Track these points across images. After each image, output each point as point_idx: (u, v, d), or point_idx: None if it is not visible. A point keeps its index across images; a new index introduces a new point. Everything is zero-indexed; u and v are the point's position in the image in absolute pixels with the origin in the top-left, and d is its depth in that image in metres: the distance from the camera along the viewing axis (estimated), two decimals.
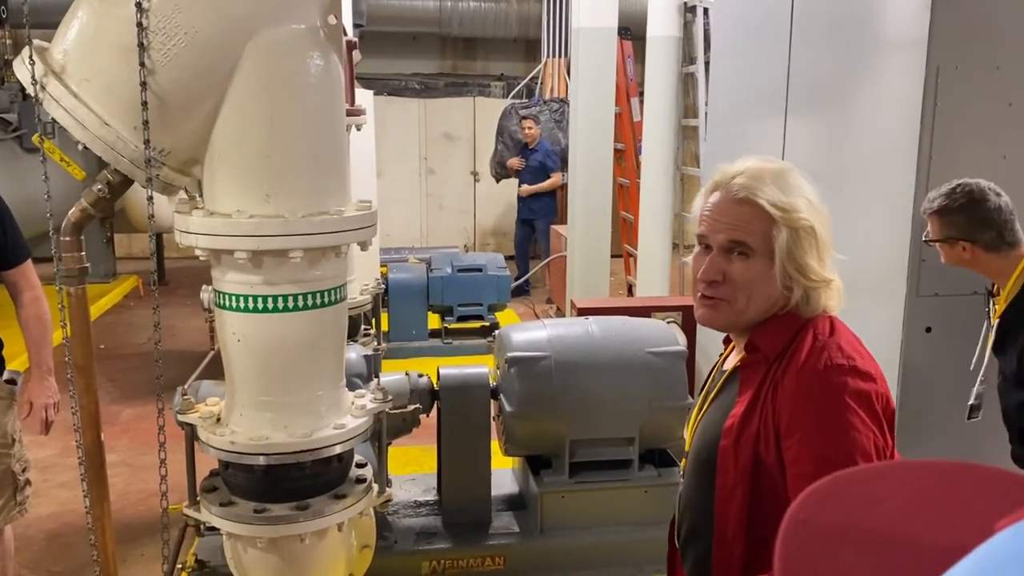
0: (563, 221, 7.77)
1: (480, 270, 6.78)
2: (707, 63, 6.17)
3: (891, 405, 1.43)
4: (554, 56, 9.93)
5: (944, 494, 0.67)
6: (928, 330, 2.74)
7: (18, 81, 7.54)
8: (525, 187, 8.88)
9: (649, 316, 4.36)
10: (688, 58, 6.42)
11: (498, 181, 9.84)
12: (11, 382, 2.95)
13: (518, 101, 9.88)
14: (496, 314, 7.03)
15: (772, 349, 1.46)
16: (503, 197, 11.45)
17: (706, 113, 6.04)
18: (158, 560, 3.72)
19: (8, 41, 9.36)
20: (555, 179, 8.70)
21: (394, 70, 11.52)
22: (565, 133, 9.20)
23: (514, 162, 8.96)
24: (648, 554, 3.44)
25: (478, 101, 11.46)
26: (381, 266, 6.68)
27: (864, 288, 3.09)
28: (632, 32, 7.94)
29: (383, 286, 4.48)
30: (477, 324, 7.01)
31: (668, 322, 4.21)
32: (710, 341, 4.53)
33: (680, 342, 3.49)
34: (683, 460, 1.67)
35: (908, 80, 2.73)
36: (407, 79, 11.66)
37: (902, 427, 2.81)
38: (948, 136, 2.62)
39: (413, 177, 11.35)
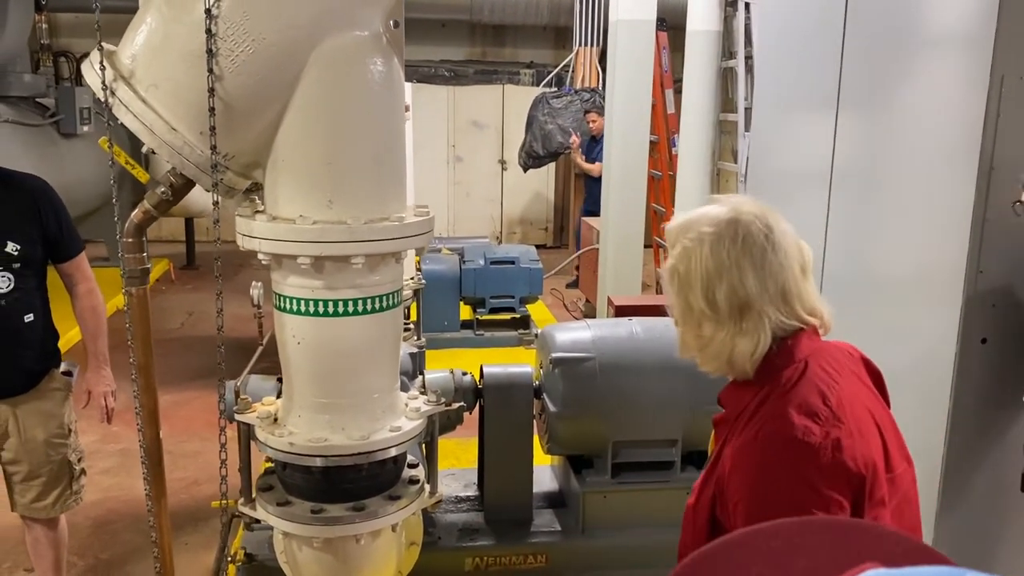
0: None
1: (513, 262, 6.78)
2: (748, 58, 6.12)
3: (855, 457, 1.33)
4: (586, 45, 9.86)
5: (795, 555, 0.68)
6: (984, 341, 2.71)
7: (55, 67, 7.58)
8: (598, 164, 8.73)
9: None
10: (728, 52, 6.36)
11: (526, 171, 9.82)
12: (67, 374, 3.00)
13: (549, 90, 9.83)
14: (527, 307, 7.04)
15: (733, 409, 1.45)
16: (530, 186, 11.44)
17: (746, 108, 6.00)
18: (202, 549, 3.81)
19: (44, 26, 9.44)
20: (594, 168, 8.64)
21: (423, 57, 11.50)
22: None
23: (577, 153, 8.92)
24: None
25: (507, 89, 11.43)
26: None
27: (915, 295, 3.07)
28: (668, 23, 7.88)
29: (423, 281, 4.50)
30: (508, 316, 7.03)
31: None
32: None
33: None
34: None
35: (969, 84, 2.70)
36: (436, 66, 11.64)
37: (952, 450, 2.80)
38: (1012, 145, 2.59)
39: (441, 165, 11.34)
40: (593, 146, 8.72)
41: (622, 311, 4.42)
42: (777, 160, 4.31)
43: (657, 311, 4.16)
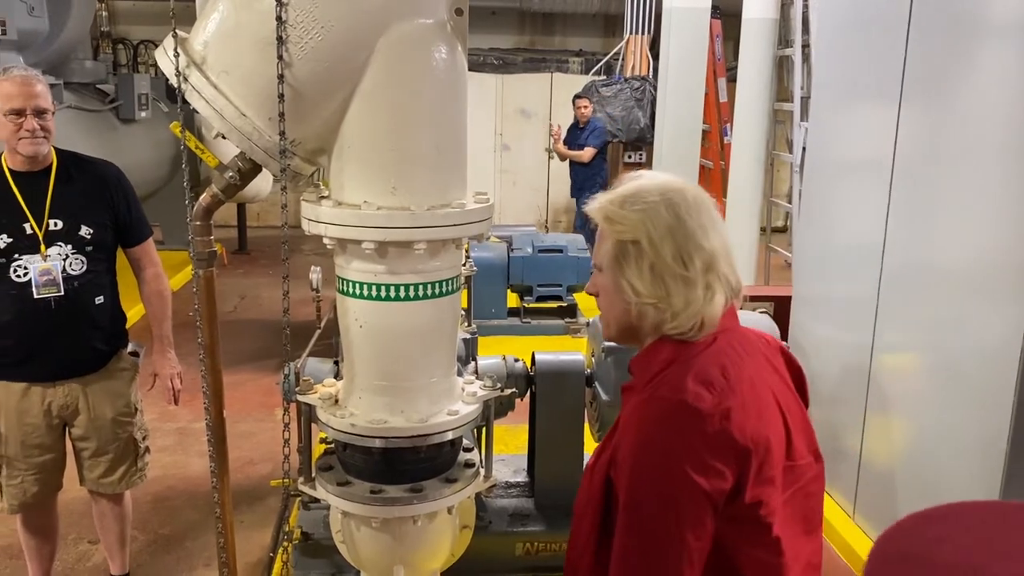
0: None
1: (561, 251, 6.79)
2: (805, 46, 6.03)
3: (743, 430, 1.33)
4: (637, 33, 9.78)
5: (1006, 531, 0.77)
6: None
7: (113, 54, 7.75)
8: (588, 150, 8.55)
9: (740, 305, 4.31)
10: (784, 41, 6.27)
11: None
12: (134, 354, 3.08)
13: (598, 78, 9.79)
14: (574, 295, 7.04)
15: (641, 378, 1.45)
16: None
17: (803, 97, 5.92)
18: (257, 528, 3.89)
19: (104, 13, 9.66)
20: (584, 153, 8.60)
21: (472, 45, 11.43)
22: (645, 112, 9.08)
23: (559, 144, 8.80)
24: None
25: (555, 77, 11.40)
26: None
27: (979, 288, 3.01)
28: (721, 10, 7.78)
29: (475, 268, 4.52)
30: (555, 304, 7.04)
31: (759, 312, 4.16)
32: (802, 333, 4.46)
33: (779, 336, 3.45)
34: None
35: None
36: (485, 54, 11.65)
37: (1016, 443, 2.74)
38: None
39: (488, 153, 11.36)
40: (579, 133, 8.69)
41: None
42: (836, 150, 4.24)
43: None
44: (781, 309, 4.59)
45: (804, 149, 5.28)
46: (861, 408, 3.87)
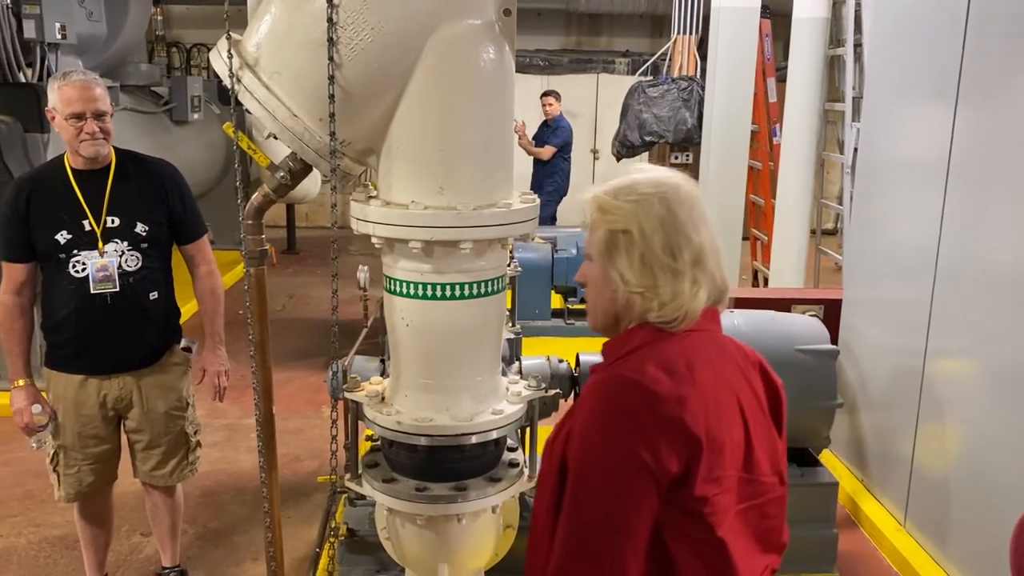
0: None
1: None
2: (857, 45, 5.92)
3: (696, 420, 1.32)
4: (684, 33, 9.70)
5: None
6: None
7: (167, 57, 7.95)
8: (548, 148, 8.54)
9: (789, 309, 4.25)
10: (836, 40, 6.17)
11: (619, 160, 9.72)
12: (187, 349, 3.15)
13: (645, 79, 9.72)
14: None
15: (608, 359, 1.47)
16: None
17: (854, 97, 5.81)
18: (303, 524, 3.95)
19: (159, 18, 9.90)
20: (544, 151, 8.49)
21: (518, 46, 11.44)
22: (692, 112, 8.99)
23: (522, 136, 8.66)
24: (788, 553, 3.38)
25: (601, 78, 11.37)
26: None
27: None
28: (771, 10, 7.68)
29: (519, 268, 4.53)
30: None
31: (808, 315, 4.10)
32: (853, 336, 4.39)
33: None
34: None
35: None
36: (531, 55, 11.67)
37: None
38: None
39: None
40: (545, 130, 8.62)
41: None
42: (889, 151, 4.16)
43: (759, 304, 4.10)
44: (831, 312, 4.51)
45: (856, 150, 5.19)
46: (913, 414, 3.78)
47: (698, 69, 9.52)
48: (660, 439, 1.31)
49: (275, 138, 2.19)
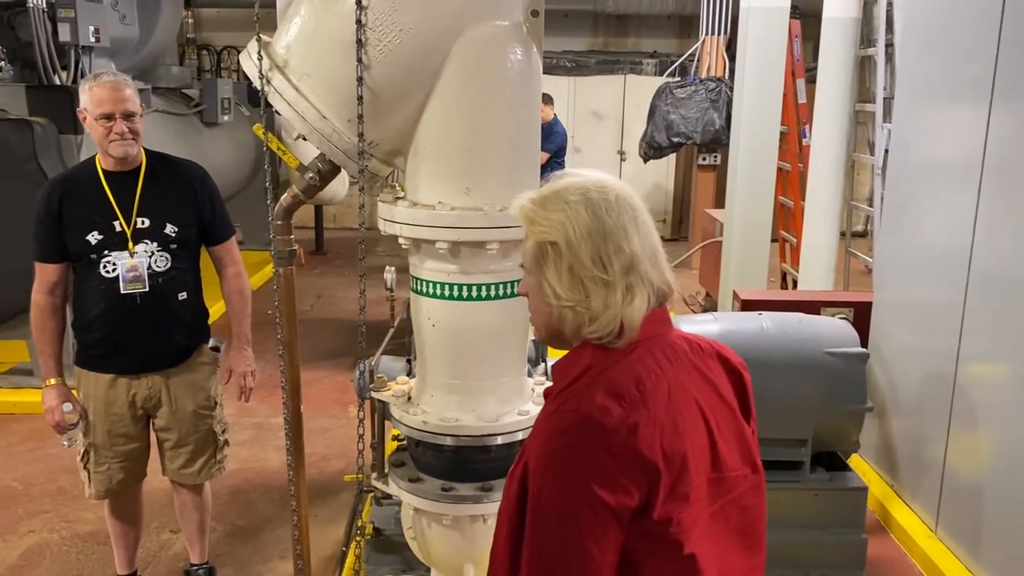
0: None
1: None
2: (888, 46, 5.85)
3: (652, 445, 1.28)
4: (712, 34, 9.64)
5: None
6: None
7: (198, 59, 8.02)
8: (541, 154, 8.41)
9: (818, 311, 4.21)
10: (867, 40, 6.09)
11: (646, 161, 9.69)
12: (215, 349, 3.18)
13: (672, 80, 9.68)
14: None
15: (558, 384, 1.41)
16: (649, 178, 11.30)
17: (885, 98, 5.74)
18: (330, 522, 3.97)
19: (190, 21, 10.01)
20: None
21: (545, 47, 11.43)
22: (720, 113, 8.94)
23: None
24: (817, 558, 3.36)
25: (629, 79, 11.32)
26: None
27: None
28: (801, 10, 7.61)
29: None
30: None
31: (838, 318, 4.05)
32: (883, 339, 4.33)
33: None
34: None
35: None
36: (558, 57, 11.64)
37: None
38: None
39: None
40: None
41: (748, 305, 4.33)
42: (921, 152, 4.11)
43: (787, 306, 4.06)
44: (861, 315, 4.46)
45: (886, 151, 5.12)
46: (945, 418, 3.73)
47: (726, 70, 9.47)
48: (616, 474, 1.27)
49: (304, 139, 2.21)
